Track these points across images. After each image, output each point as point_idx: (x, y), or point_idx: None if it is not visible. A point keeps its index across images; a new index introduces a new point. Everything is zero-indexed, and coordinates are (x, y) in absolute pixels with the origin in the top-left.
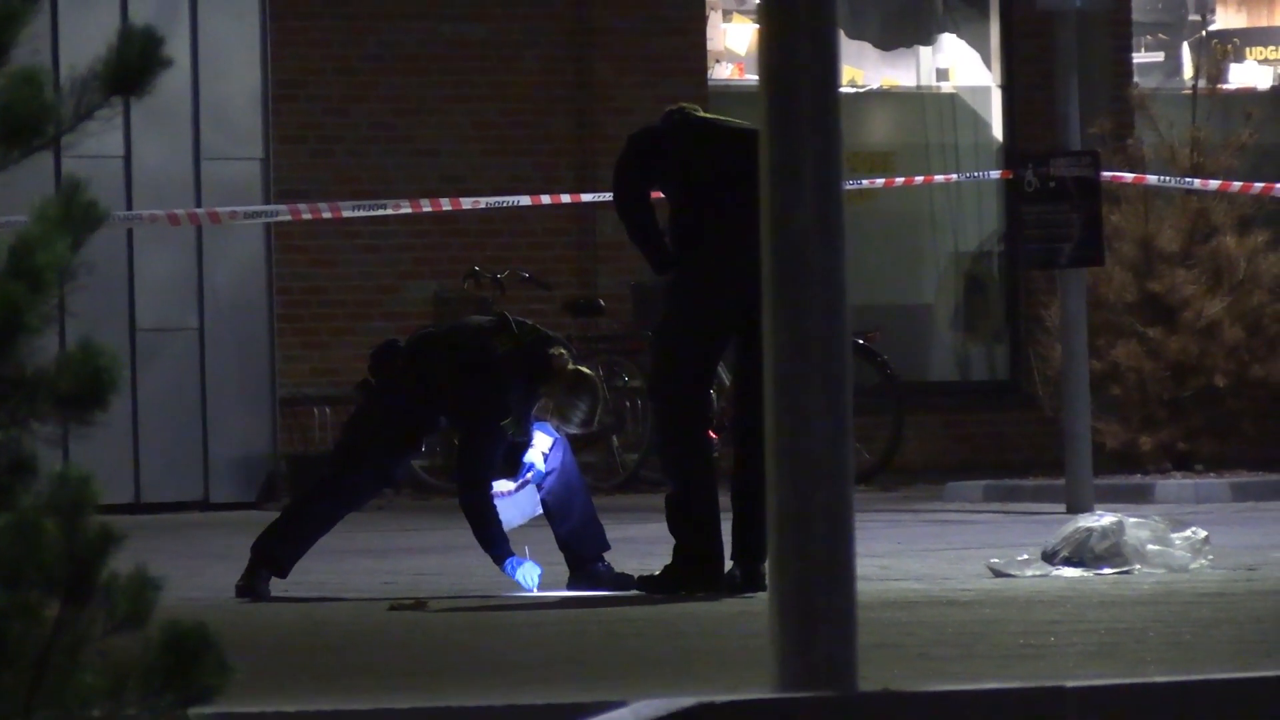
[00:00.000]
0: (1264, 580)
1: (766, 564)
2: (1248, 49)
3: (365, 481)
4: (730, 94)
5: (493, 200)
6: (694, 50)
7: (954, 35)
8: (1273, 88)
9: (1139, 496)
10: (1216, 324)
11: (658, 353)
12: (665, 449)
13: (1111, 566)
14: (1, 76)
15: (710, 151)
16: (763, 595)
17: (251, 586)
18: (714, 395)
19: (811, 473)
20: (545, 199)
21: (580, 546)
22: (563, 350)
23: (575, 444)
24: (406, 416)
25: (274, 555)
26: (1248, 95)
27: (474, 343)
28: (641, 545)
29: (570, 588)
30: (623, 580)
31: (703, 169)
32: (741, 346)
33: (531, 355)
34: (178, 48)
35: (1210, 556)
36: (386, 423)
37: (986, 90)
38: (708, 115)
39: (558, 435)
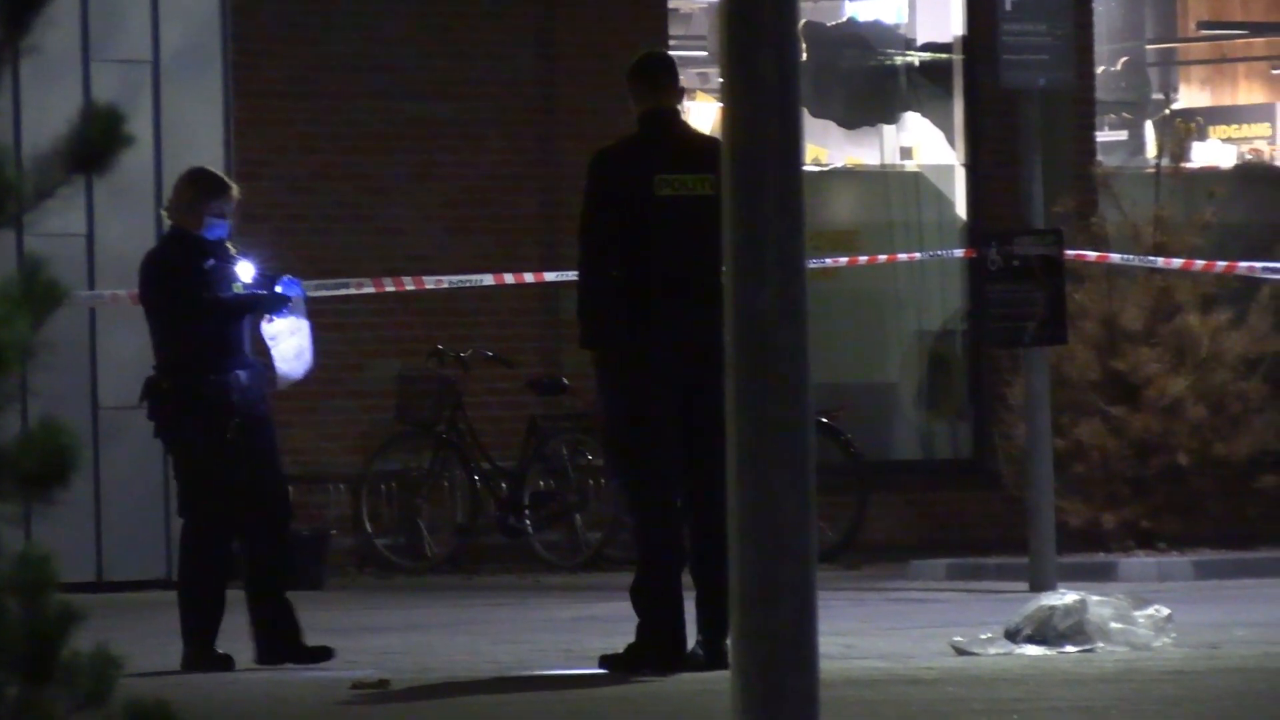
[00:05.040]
0: (1226, 658)
1: (729, 640)
2: (1211, 127)
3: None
4: None
5: (456, 279)
6: None
7: (918, 114)
8: (1236, 166)
9: (1102, 574)
10: (1180, 402)
11: (608, 442)
12: (635, 530)
13: (1075, 644)
14: None
15: (662, 219)
16: (725, 673)
17: None
18: None
19: (775, 551)
20: (509, 278)
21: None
22: None
23: (543, 520)
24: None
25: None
26: (1211, 174)
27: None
28: (605, 623)
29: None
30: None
31: (653, 236)
32: (683, 419)
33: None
34: (140, 126)
35: (1173, 634)
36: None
37: (950, 169)
38: (668, 189)
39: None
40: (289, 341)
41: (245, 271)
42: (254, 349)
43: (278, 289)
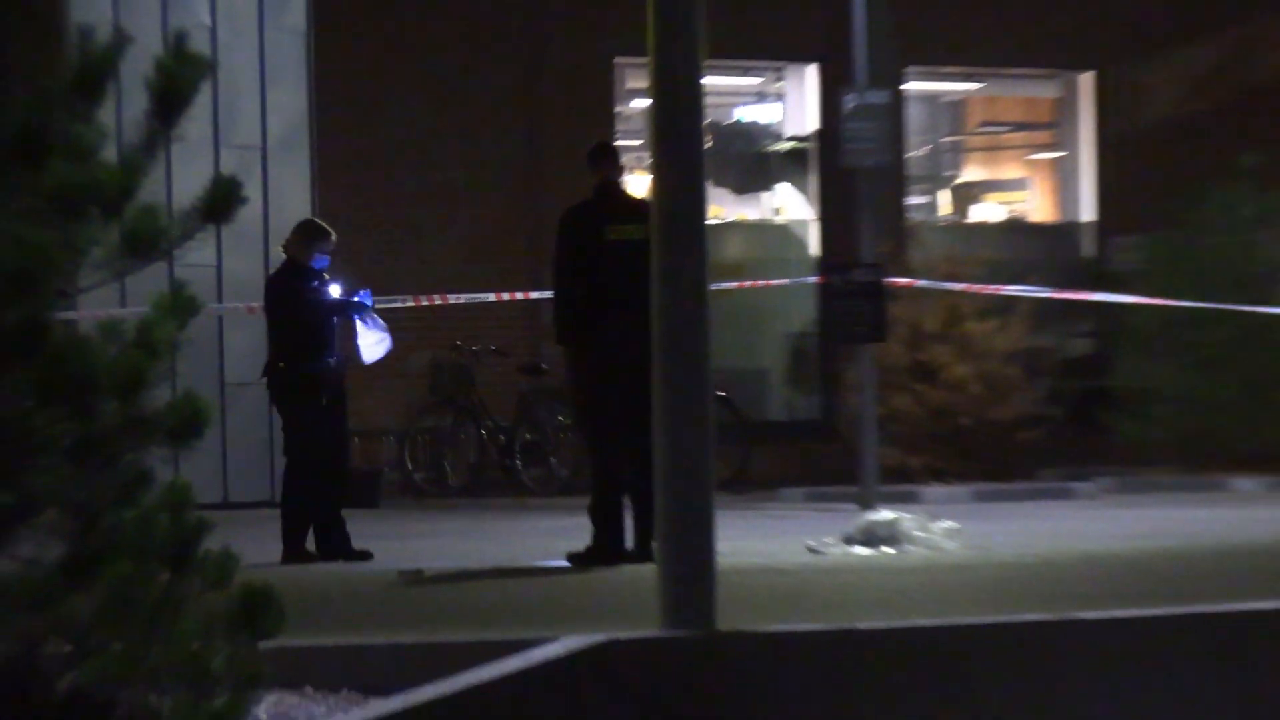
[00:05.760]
0: (995, 556)
1: (655, 542)
2: (986, 194)
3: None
4: None
5: (470, 296)
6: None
7: (786, 183)
8: (1002, 221)
9: (910, 499)
10: (963, 382)
11: (574, 406)
12: (592, 467)
13: (891, 547)
14: (130, 209)
15: (610, 258)
16: (652, 565)
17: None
18: None
19: (687, 483)
20: (506, 295)
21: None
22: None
23: (529, 461)
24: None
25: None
26: (985, 226)
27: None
28: (571, 532)
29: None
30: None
31: (604, 273)
32: (626, 392)
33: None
34: (253, 190)
35: (959, 540)
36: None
37: (807, 222)
38: (614, 235)
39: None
40: (373, 343)
41: (335, 290)
42: (340, 346)
43: (354, 299)
